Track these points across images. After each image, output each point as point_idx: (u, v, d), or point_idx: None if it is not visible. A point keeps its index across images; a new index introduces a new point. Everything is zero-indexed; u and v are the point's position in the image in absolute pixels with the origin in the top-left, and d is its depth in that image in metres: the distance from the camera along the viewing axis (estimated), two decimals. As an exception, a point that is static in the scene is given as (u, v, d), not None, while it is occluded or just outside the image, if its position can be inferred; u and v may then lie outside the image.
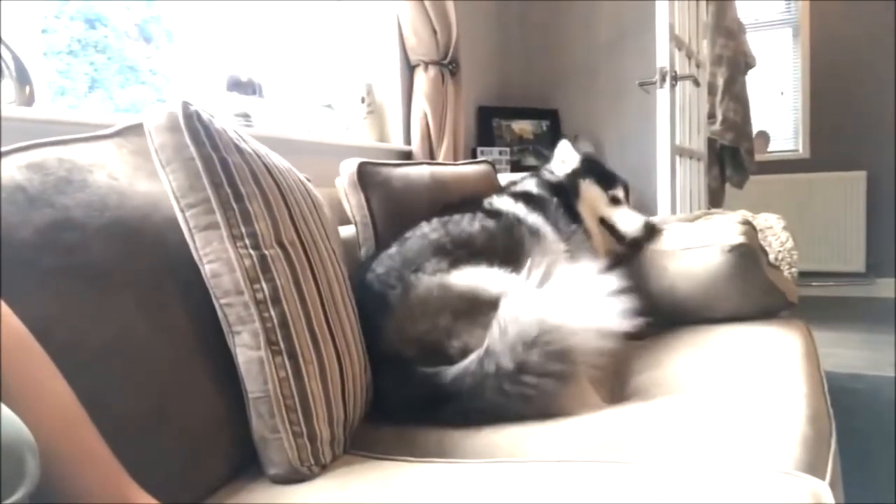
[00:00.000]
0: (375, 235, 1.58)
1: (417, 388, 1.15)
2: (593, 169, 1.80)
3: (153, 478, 0.76)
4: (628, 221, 1.69)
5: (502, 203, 1.62)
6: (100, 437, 0.72)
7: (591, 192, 1.73)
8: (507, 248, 1.40)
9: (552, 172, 1.80)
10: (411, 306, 1.23)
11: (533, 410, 1.07)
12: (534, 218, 1.55)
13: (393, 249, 1.37)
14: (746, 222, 1.59)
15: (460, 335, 1.18)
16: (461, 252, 1.33)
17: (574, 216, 1.65)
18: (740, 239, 1.53)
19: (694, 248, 1.59)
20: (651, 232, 1.67)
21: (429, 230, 1.41)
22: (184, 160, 0.93)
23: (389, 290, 1.26)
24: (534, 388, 1.07)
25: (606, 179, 1.77)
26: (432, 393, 1.12)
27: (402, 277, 1.26)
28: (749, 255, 1.53)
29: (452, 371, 1.13)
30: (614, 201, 1.73)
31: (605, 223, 1.72)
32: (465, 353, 1.15)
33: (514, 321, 1.11)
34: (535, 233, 1.50)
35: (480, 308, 1.19)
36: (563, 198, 1.67)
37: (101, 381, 0.80)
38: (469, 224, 1.43)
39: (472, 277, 1.27)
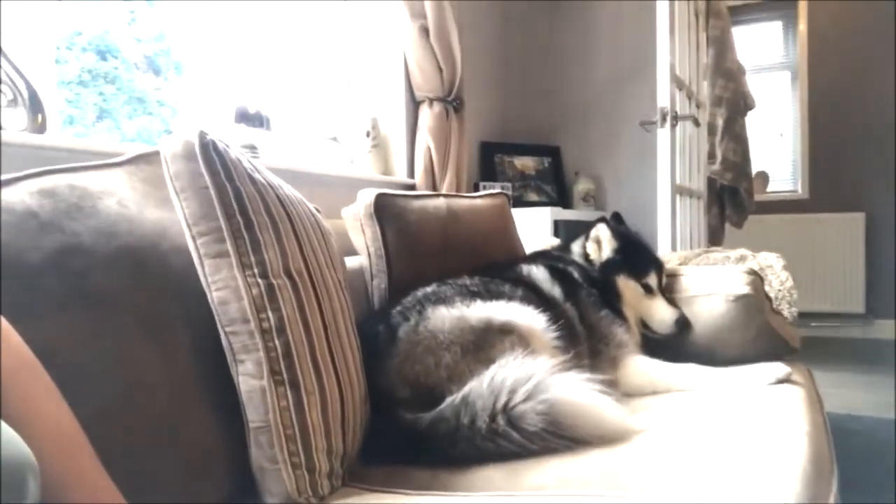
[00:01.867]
0: (388, 267, 1.58)
1: (400, 430, 1.12)
2: (628, 257, 1.68)
3: (151, 502, 0.75)
4: (662, 318, 1.62)
5: (540, 276, 1.59)
6: (98, 462, 0.71)
7: (629, 289, 1.64)
8: None
9: (587, 257, 1.71)
10: (419, 340, 1.22)
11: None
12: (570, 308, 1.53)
13: (429, 289, 1.38)
14: (752, 272, 1.60)
15: (462, 377, 1.14)
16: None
17: (614, 311, 1.60)
18: (745, 290, 1.54)
19: (700, 297, 1.62)
20: (683, 327, 1.60)
21: (469, 282, 1.42)
22: (198, 188, 0.95)
23: (403, 322, 1.25)
24: (515, 447, 1.03)
25: (642, 265, 1.67)
26: (412, 437, 1.10)
27: (422, 309, 1.27)
28: (753, 304, 1.55)
29: (428, 417, 1.09)
30: (647, 289, 1.65)
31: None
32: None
33: (505, 372, 1.07)
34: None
35: (492, 342, 1.19)
36: (602, 293, 1.61)
37: (102, 406, 0.80)
38: (510, 290, 1.42)
39: (490, 309, 1.27)
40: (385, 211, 1.62)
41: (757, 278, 1.59)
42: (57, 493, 0.64)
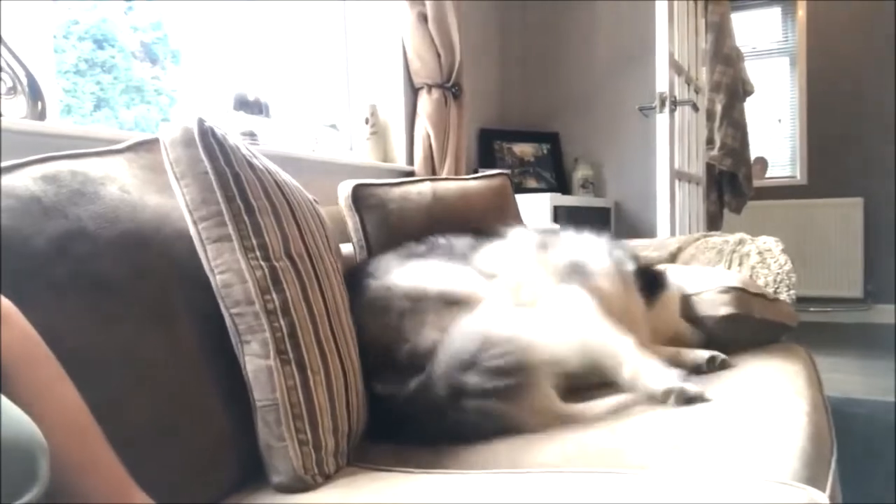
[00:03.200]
0: (370, 258, 1.59)
1: (377, 407, 1.14)
2: None
3: (158, 487, 0.76)
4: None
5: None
6: (107, 443, 0.72)
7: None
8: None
9: None
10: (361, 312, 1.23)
11: (492, 427, 1.05)
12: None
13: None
14: (735, 289, 1.58)
15: (408, 337, 1.16)
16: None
17: None
18: (729, 310, 1.53)
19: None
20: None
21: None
22: (198, 174, 0.95)
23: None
24: (478, 412, 1.04)
25: None
26: (391, 412, 1.12)
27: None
28: (741, 319, 1.55)
29: (404, 393, 1.11)
30: None
31: None
32: (413, 356, 1.14)
33: (451, 340, 1.09)
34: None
35: (427, 306, 1.20)
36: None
37: (108, 391, 0.81)
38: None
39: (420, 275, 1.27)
40: (363, 202, 1.64)
41: (740, 294, 1.57)
42: (67, 474, 0.65)
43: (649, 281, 1.59)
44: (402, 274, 1.30)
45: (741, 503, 0.76)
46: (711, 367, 1.42)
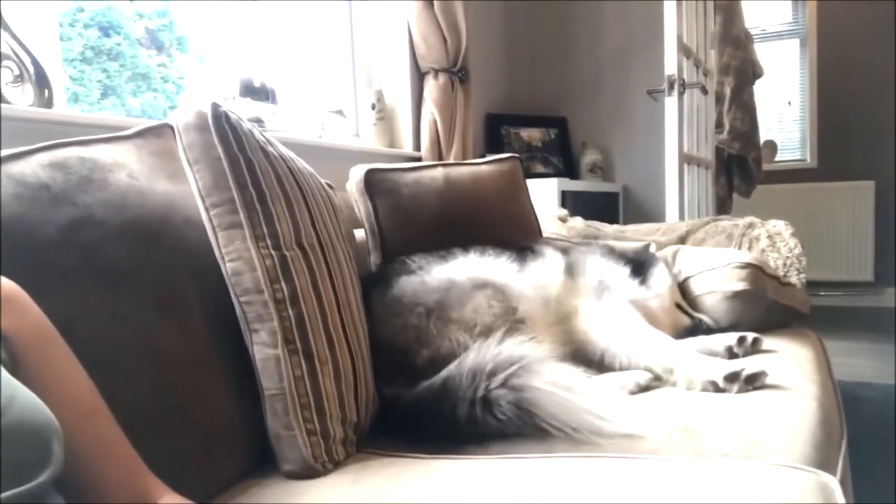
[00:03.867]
0: (382, 244, 1.59)
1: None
2: None
3: (170, 472, 0.77)
4: None
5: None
6: (118, 427, 0.73)
7: None
8: None
9: None
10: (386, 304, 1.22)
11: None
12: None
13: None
14: (749, 265, 1.57)
15: (431, 341, 1.14)
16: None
17: None
18: (741, 286, 1.53)
19: (702, 295, 1.61)
20: None
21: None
22: (211, 160, 0.95)
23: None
24: (497, 422, 1.01)
25: None
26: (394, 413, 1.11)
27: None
28: (753, 296, 1.54)
29: (409, 397, 1.09)
30: None
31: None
32: (434, 363, 1.11)
33: (475, 350, 1.06)
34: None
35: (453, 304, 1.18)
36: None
37: (118, 378, 0.81)
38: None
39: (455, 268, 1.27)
40: (376, 186, 1.62)
41: (755, 271, 1.56)
42: (80, 457, 0.66)
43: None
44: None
45: (752, 488, 0.75)
46: (744, 348, 1.38)
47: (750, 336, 1.40)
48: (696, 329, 1.52)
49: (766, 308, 1.58)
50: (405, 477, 0.90)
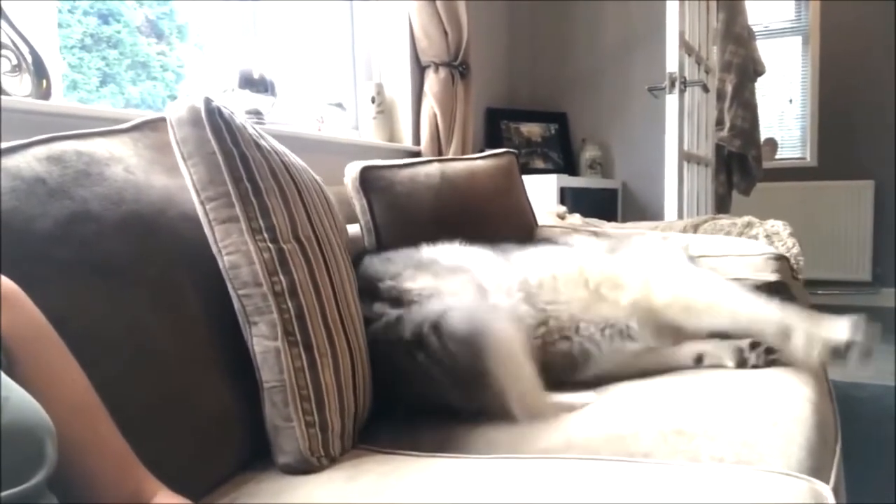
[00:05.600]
0: (378, 241, 1.59)
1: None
2: None
3: (165, 467, 0.76)
4: None
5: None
6: (113, 424, 0.73)
7: None
8: None
9: None
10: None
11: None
12: None
13: None
14: (780, 258, 1.55)
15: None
16: None
17: None
18: (776, 276, 1.50)
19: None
20: None
21: None
22: (205, 154, 0.95)
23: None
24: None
25: None
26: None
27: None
28: (783, 288, 1.52)
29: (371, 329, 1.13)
30: None
31: None
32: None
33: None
34: None
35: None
36: None
37: (115, 372, 0.81)
38: None
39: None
40: (371, 184, 1.62)
41: (785, 263, 1.54)
42: (73, 455, 0.66)
43: None
44: None
45: (745, 496, 0.75)
46: (757, 355, 1.20)
47: (762, 345, 1.22)
48: None
49: (786, 300, 1.56)
50: (400, 474, 0.90)
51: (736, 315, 1.16)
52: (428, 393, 1.09)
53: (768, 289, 1.49)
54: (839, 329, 1.07)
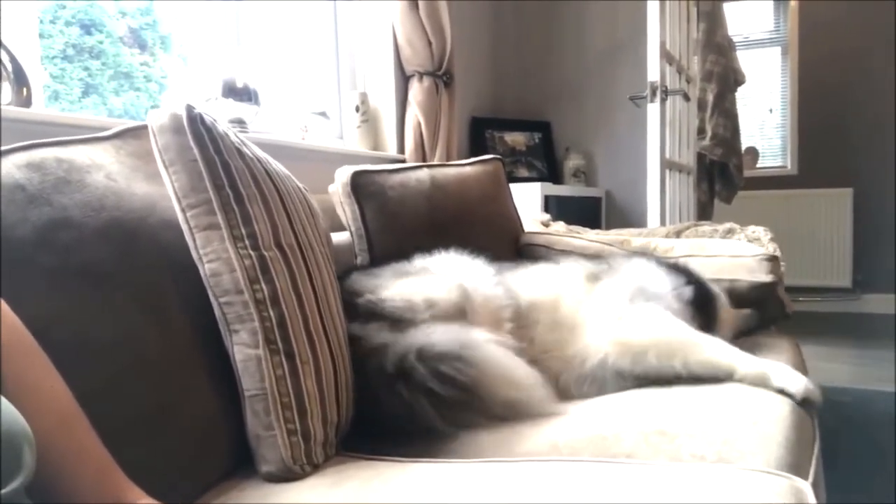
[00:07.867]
0: (370, 246, 1.58)
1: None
2: None
3: (148, 475, 0.76)
4: None
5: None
6: (95, 434, 0.72)
7: None
8: None
9: None
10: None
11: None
12: None
13: None
14: (772, 258, 1.55)
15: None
16: None
17: None
18: (771, 277, 1.49)
19: (720, 281, 1.54)
20: None
21: None
22: (187, 161, 0.95)
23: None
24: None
25: None
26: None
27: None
28: (774, 288, 1.53)
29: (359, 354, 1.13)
30: None
31: None
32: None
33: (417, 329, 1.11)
34: None
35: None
36: None
37: (97, 380, 0.81)
38: None
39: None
40: (363, 189, 1.60)
41: (776, 264, 1.54)
42: (53, 465, 0.65)
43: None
44: None
45: (727, 494, 0.76)
46: None
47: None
48: None
49: (771, 304, 1.57)
50: (384, 479, 0.90)
51: (690, 368, 1.20)
52: (412, 423, 1.07)
53: (763, 289, 1.50)
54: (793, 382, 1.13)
